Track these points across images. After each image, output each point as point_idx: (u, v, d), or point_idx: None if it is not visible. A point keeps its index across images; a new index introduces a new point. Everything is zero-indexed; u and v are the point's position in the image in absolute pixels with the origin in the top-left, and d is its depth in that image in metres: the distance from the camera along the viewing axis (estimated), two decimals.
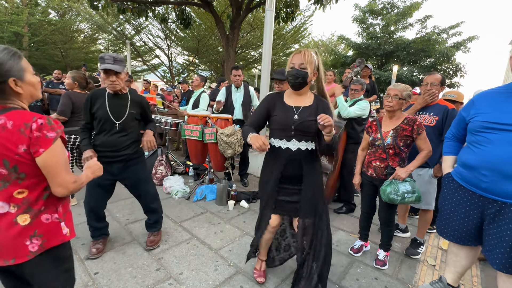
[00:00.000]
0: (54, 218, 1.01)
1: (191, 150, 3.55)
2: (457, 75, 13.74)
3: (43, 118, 0.91)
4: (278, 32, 13.14)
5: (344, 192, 3.27)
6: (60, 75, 5.97)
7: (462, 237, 1.62)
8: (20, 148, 0.88)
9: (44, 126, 0.90)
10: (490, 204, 1.44)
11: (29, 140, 0.88)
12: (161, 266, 2.05)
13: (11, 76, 0.90)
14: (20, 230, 0.93)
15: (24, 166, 0.91)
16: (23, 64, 0.94)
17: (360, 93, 3.01)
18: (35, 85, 0.99)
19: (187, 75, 17.72)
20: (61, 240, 1.03)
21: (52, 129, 0.92)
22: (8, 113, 0.89)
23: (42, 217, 0.98)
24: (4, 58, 0.88)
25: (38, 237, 0.96)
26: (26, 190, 0.94)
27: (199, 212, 3.02)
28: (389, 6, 14.22)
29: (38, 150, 0.89)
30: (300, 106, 1.61)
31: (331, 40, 21.39)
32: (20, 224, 0.93)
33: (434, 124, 2.23)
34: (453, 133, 1.78)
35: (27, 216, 0.94)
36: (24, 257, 0.93)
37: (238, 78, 3.79)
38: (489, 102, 1.51)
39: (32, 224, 0.95)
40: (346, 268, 2.17)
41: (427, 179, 2.29)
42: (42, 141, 0.89)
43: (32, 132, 0.88)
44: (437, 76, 2.28)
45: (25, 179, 0.93)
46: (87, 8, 12.34)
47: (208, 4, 7.51)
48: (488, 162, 1.41)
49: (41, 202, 0.97)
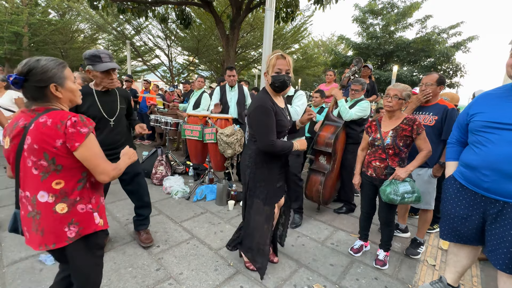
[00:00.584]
0: (88, 209, 1.13)
1: (191, 150, 3.55)
2: (457, 75, 13.74)
3: (76, 116, 1.03)
4: (278, 32, 13.15)
5: (344, 192, 3.27)
6: None
7: (464, 237, 1.61)
8: (57, 142, 1.00)
9: (77, 123, 1.02)
10: (492, 204, 1.43)
11: (64, 136, 1.00)
12: (161, 266, 2.05)
13: (53, 82, 1.04)
14: (59, 218, 1.05)
15: (61, 159, 1.03)
16: (65, 73, 1.08)
17: (360, 93, 3.01)
18: (74, 91, 1.13)
19: (187, 75, 17.72)
20: (94, 229, 1.14)
21: (85, 125, 1.04)
22: (49, 113, 1.02)
23: (78, 207, 1.09)
24: (49, 66, 1.03)
25: (75, 224, 1.08)
26: (62, 181, 1.06)
27: (199, 212, 3.03)
28: (389, 6, 14.22)
29: (74, 144, 1.01)
30: (284, 107, 1.85)
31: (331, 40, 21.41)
32: (58, 212, 1.05)
33: (433, 124, 2.23)
34: (456, 137, 1.75)
35: (64, 205, 1.06)
36: (63, 242, 1.07)
37: (232, 78, 3.84)
38: (489, 102, 1.51)
39: (69, 213, 1.07)
40: (346, 268, 2.17)
41: (426, 179, 2.29)
42: (76, 136, 1.01)
43: (67, 128, 0.99)
44: (432, 76, 2.28)
45: (61, 171, 1.04)
46: (87, 8, 12.33)
47: (208, 4, 7.51)
48: (489, 161, 1.41)
49: (76, 193, 1.09)
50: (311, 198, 3.05)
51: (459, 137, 1.73)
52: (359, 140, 2.84)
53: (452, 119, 2.17)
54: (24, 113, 1.05)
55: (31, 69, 1.00)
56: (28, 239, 1.10)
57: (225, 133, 3.17)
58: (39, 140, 0.99)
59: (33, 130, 0.99)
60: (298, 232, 2.71)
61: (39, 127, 0.99)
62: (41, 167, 1.02)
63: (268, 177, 1.83)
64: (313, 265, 2.17)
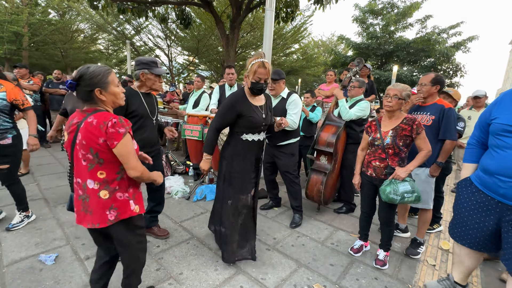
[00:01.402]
0: (125, 197, 1.29)
1: (191, 150, 3.56)
2: (457, 75, 13.75)
3: (116, 118, 1.17)
4: (278, 32, 13.14)
5: (344, 192, 3.27)
6: (60, 75, 5.95)
7: (476, 243, 1.57)
8: (100, 139, 1.15)
9: (116, 124, 1.16)
10: (509, 210, 1.38)
11: (105, 135, 1.14)
12: (161, 266, 2.05)
13: (98, 87, 1.19)
14: (103, 202, 1.23)
15: (103, 154, 1.18)
16: (109, 78, 1.22)
17: (358, 90, 3.01)
18: (117, 95, 1.27)
19: (187, 75, 17.72)
20: (129, 214, 1.30)
21: (123, 126, 1.18)
22: (96, 114, 1.18)
23: (117, 194, 1.26)
24: (96, 73, 1.18)
25: (114, 209, 1.25)
26: (104, 172, 1.22)
27: (199, 212, 3.03)
28: (389, 6, 14.22)
29: (113, 142, 1.16)
30: (261, 105, 2.00)
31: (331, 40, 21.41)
32: (102, 197, 1.23)
33: (430, 123, 2.23)
34: (477, 138, 1.66)
35: (106, 192, 1.23)
36: (105, 223, 1.24)
37: (232, 76, 3.82)
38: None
39: (110, 199, 1.24)
40: (346, 268, 2.17)
41: (423, 179, 2.29)
42: (115, 135, 1.15)
43: (108, 129, 1.14)
44: (427, 77, 2.28)
45: (103, 164, 1.21)
46: (87, 8, 12.34)
47: (208, 4, 7.50)
48: (505, 167, 1.35)
49: (115, 183, 1.25)
50: (311, 198, 3.05)
51: (480, 138, 1.63)
52: (359, 140, 2.84)
53: (449, 118, 2.17)
54: (78, 112, 1.23)
55: (82, 75, 1.17)
56: (78, 219, 1.28)
57: (225, 133, 3.17)
58: (86, 137, 1.16)
59: (83, 128, 1.16)
60: (298, 232, 2.71)
61: (87, 126, 1.15)
62: (88, 159, 1.19)
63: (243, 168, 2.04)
64: (313, 265, 2.17)
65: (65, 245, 2.24)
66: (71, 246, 2.23)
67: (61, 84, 5.83)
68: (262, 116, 1.97)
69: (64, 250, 2.18)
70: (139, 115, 2.06)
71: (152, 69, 2.08)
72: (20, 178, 2.55)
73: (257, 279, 1.96)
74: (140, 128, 2.08)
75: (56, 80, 5.87)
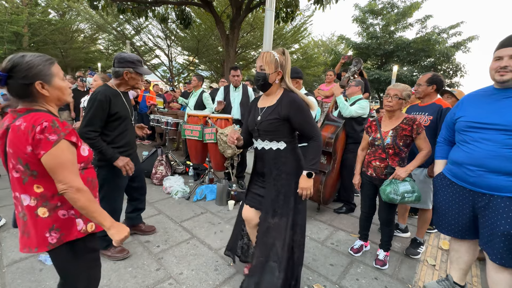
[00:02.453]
0: (71, 214, 1.06)
1: (191, 150, 3.55)
2: (457, 75, 13.74)
3: (49, 121, 0.93)
4: (278, 32, 13.14)
5: (344, 192, 3.27)
6: None
7: (458, 231, 1.68)
8: (28, 148, 0.93)
9: (47, 128, 0.92)
10: (480, 197, 1.51)
11: (32, 142, 0.92)
12: (161, 266, 2.05)
13: (38, 80, 0.96)
14: (40, 222, 1.01)
15: (34, 165, 0.96)
16: (53, 70, 1.00)
17: (354, 89, 3.04)
18: (63, 89, 1.04)
19: (187, 75, 17.72)
20: (75, 236, 1.07)
21: (55, 132, 0.94)
22: (27, 115, 0.95)
23: (59, 212, 1.04)
24: (35, 62, 0.96)
25: (56, 231, 1.03)
26: (41, 186, 1.00)
27: (199, 212, 3.03)
28: (389, 6, 14.21)
29: (40, 152, 0.93)
30: (264, 107, 1.63)
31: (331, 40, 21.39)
32: (40, 216, 1.01)
33: (428, 124, 2.23)
34: (444, 136, 1.83)
35: (45, 210, 1.01)
36: (45, 248, 1.02)
37: (237, 78, 3.80)
38: (473, 103, 1.60)
39: (51, 218, 1.02)
40: (346, 268, 2.17)
41: (422, 179, 2.30)
42: (43, 144, 0.92)
43: (35, 134, 0.91)
44: (424, 77, 2.29)
45: (37, 176, 0.99)
46: (87, 8, 12.34)
47: (208, 4, 7.51)
48: (473, 158, 1.51)
49: (56, 198, 1.02)
50: (311, 198, 3.05)
51: (447, 136, 1.80)
52: (359, 139, 2.85)
53: None
54: (9, 113, 0.99)
55: (15, 65, 0.93)
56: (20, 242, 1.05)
57: (225, 133, 3.17)
58: (13, 144, 0.94)
59: (10, 133, 0.94)
60: None
61: (14, 130, 0.93)
62: (19, 170, 0.98)
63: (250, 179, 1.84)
64: (313, 265, 2.17)
65: None
66: None
67: None
68: (258, 118, 1.63)
69: None
70: (122, 117, 1.93)
71: (137, 68, 1.96)
72: None
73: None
74: (123, 131, 1.98)
75: None
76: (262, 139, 1.65)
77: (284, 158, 1.61)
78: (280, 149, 1.61)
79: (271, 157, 1.63)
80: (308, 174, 1.55)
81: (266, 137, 1.63)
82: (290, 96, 1.57)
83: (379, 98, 16.20)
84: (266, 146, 1.64)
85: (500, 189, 1.42)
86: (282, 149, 1.61)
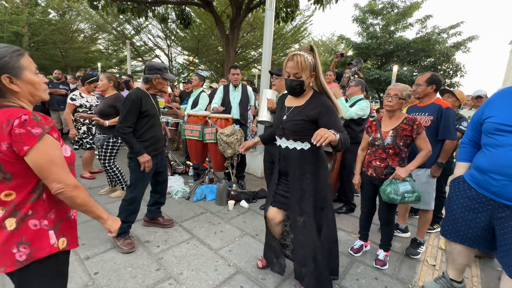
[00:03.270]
0: (43, 225, 0.93)
1: (191, 150, 3.55)
2: (457, 75, 13.72)
3: (28, 114, 0.84)
4: (278, 32, 13.13)
5: (344, 192, 3.26)
6: (60, 75, 5.97)
7: (467, 239, 1.59)
8: (2, 145, 0.82)
9: (28, 122, 0.83)
10: (501, 208, 1.40)
11: (10, 137, 0.82)
12: (161, 266, 2.05)
13: (5, 73, 0.85)
14: (7, 236, 0.87)
15: (9, 165, 0.86)
16: (22, 62, 0.89)
17: (354, 89, 3.03)
18: (36, 84, 0.93)
19: (187, 75, 17.72)
20: (48, 251, 0.93)
21: (38, 125, 0.85)
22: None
23: (29, 222, 0.90)
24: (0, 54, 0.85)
25: (26, 245, 0.89)
26: (13, 192, 0.89)
27: (199, 212, 3.02)
28: (389, 6, 14.20)
29: (22, 148, 0.83)
30: (292, 107, 1.64)
31: (331, 40, 21.38)
32: (7, 228, 0.87)
33: (429, 124, 2.22)
34: (470, 137, 1.68)
35: (13, 221, 0.88)
36: (11, 267, 0.88)
37: (237, 77, 3.78)
38: (505, 102, 1.41)
39: (19, 230, 0.88)
40: (346, 268, 2.17)
41: (424, 180, 2.29)
42: (25, 138, 0.83)
43: (13, 129, 0.82)
44: (423, 76, 2.28)
45: (11, 180, 0.87)
46: (87, 8, 12.32)
47: (208, 4, 7.50)
48: (498, 165, 1.37)
49: (28, 205, 0.90)
50: None
51: (473, 137, 1.65)
52: (358, 139, 2.84)
53: (448, 118, 2.16)
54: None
55: None
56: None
57: (225, 133, 3.17)
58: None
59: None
60: None
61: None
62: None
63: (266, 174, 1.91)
64: None
65: None
66: None
67: (61, 84, 5.85)
68: (283, 117, 1.65)
69: None
70: (150, 114, 2.21)
71: (164, 75, 2.25)
72: None
73: (257, 279, 1.96)
74: (151, 127, 2.25)
75: (56, 80, 5.88)
76: (286, 138, 1.65)
77: (309, 158, 1.63)
78: (304, 149, 1.63)
79: (295, 156, 1.64)
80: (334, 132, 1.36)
81: (290, 137, 1.63)
82: (320, 98, 1.57)
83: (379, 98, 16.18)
84: (290, 146, 1.65)
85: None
86: (306, 149, 1.62)
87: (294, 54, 1.52)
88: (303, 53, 1.49)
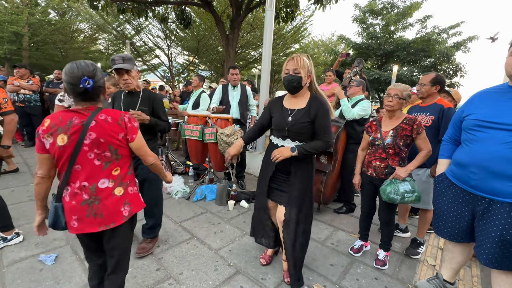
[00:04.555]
0: (135, 190, 1.34)
1: (191, 150, 3.55)
2: (457, 75, 13.75)
3: (127, 113, 1.25)
4: (278, 32, 13.14)
5: (344, 192, 3.26)
6: (60, 75, 5.96)
7: (455, 234, 1.64)
8: (120, 135, 1.20)
9: (131, 119, 1.25)
10: (479, 201, 1.46)
11: (125, 130, 1.21)
12: (161, 266, 2.05)
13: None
14: (118, 200, 1.24)
15: (121, 149, 1.23)
16: None
17: (356, 89, 3.03)
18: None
19: (187, 75, 17.72)
20: (140, 206, 1.35)
21: (135, 121, 1.27)
22: (103, 111, 1.18)
23: (129, 189, 1.30)
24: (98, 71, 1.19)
25: (127, 204, 1.28)
26: (119, 167, 1.25)
27: (199, 212, 3.02)
28: (389, 6, 14.22)
29: (133, 136, 1.24)
30: (295, 109, 1.73)
31: (331, 40, 21.37)
32: (117, 195, 1.24)
33: (430, 124, 2.22)
34: (450, 135, 1.76)
35: (121, 189, 1.26)
36: (121, 221, 1.25)
37: (236, 77, 3.78)
38: (485, 101, 1.52)
39: (124, 195, 1.27)
40: (346, 268, 2.17)
41: (424, 179, 2.29)
42: (133, 130, 1.24)
43: (126, 124, 1.22)
44: (427, 76, 2.26)
45: (120, 159, 1.24)
46: (87, 8, 12.33)
47: (208, 4, 7.51)
48: (476, 159, 1.44)
49: (127, 177, 1.30)
50: None
51: (453, 134, 1.74)
52: (359, 140, 2.84)
53: (449, 118, 2.16)
54: (70, 112, 1.15)
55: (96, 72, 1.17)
56: (80, 226, 1.18)
57: (225, 133, 3.17)
58: (104, 134, 1.16)
59: (97, 127, 1.14)
60: None
61: (102, 123, 1.15)
62: (104, 157, 1.19)
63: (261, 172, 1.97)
64: (313, 265, 2.17)
65: (65, 245, 2.24)
66: (71, 246, 2.23)
67: (61, 84, 5.84)
68: (288, 119, 1.71)
69: (64, 250, 2.18)
70: None
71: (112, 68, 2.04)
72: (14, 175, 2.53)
73: (257, 279, 1.96)
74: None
75: (56, 80, 5.88)
76: (292, 139, 1.75)
77: (309, 158, 1.79)
78: None
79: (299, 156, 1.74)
80: (292, 148, 1.66)
81: (296, 138, 1.74)
82: (319, 100, 1.70)
83: (379, 98, 16.20)
84: (285, 144, 1.77)
85: (501, 194, 1.35)
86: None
87: (293, 55, 1.68)
88: (301, 56, 1.68)
